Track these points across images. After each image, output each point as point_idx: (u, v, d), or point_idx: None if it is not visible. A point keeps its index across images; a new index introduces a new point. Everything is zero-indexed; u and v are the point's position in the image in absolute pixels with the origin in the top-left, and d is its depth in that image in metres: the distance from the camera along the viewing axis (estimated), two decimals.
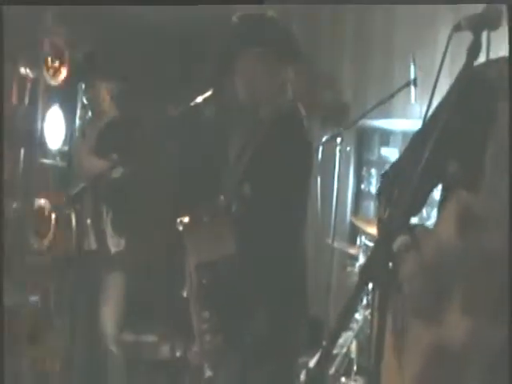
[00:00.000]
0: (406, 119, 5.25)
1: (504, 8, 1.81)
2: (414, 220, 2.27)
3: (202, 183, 4.68)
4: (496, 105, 1.96)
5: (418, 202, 2.17)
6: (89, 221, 4.13)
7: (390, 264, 1.87)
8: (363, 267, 1.64)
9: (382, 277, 1.66)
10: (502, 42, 1.96)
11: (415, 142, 1.73)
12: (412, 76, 4.40)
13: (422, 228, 2.13)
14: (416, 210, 2.20)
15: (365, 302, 4.63)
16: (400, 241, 2.02)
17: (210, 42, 2.94)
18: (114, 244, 4.19)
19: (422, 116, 1.76)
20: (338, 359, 4.60)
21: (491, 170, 1.92)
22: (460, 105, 2.03)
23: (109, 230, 4.17)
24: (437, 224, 2.03)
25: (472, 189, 1.90)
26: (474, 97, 2.01)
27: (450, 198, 1.99)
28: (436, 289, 1.89)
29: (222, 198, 2.86)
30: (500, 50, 1.96)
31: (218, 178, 2.96)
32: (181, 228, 2.74)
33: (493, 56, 1.98)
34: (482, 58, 4.27)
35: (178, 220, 2.77)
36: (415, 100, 4.42)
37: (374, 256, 1.64)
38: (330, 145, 4.63)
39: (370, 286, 1.74)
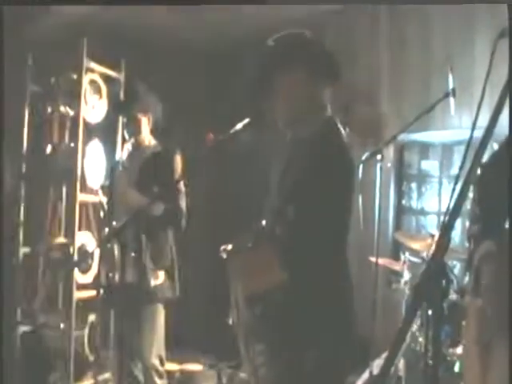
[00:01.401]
0: (445, 131, 5.19)
1: None
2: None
3: (243, 210, 4.67)
4: None
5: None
6: (132, 254, 4.14)
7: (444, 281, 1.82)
8: (417, 286, 1.58)
9: (436, 294, 1.60)
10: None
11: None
12: (450, 87, 4.34)
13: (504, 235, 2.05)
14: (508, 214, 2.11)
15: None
16: (484, 248, 1.95)
17: (246, 68, 2.92)
18: (154, 277, 4.21)
19: (462, 127, 1.69)
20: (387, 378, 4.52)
21: None
22: None
23: (148, 264, 4.19)
24: None
25: None
26: None
27: None
28: None
29: (263, 223, 2.82)
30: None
31: (259, 203, 2.92)
32: (225, 256, 2.71)
33: None
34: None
35: (222, 248, 2.75)
36: (454, 111, 4.36)
37: (427, 273, 1.59)
38: (370, 161, 4.59)
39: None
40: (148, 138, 4.42)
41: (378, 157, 4.50)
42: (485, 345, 1.86)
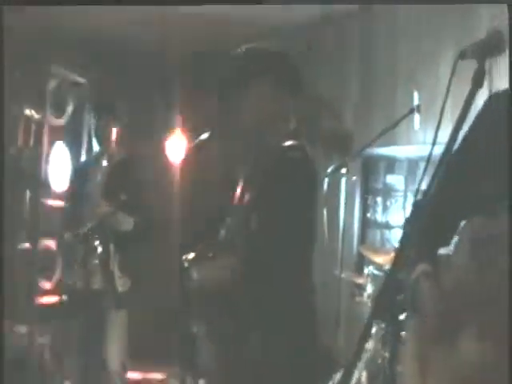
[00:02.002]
0: (411, 146, 5.24)
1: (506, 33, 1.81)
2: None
3: (208, 219, 4.67)
4: None
5: (448, 231, 2.16)
6: (96, 261, 4.13)
7: (402, 295, 1.87)
8: (376, 298, 1.62)
9: (395, 307, 1.63)
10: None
11: (443, 174, 1.71)
12: (415, 103, 4.40)
13: (440, 256, 2.12)
14: (445, 241, 2.18)
15: (374, 330, 4.59)
16: (420, 269, 2.01)
17: (213, 75, 2.95)
18: (121, 284, 4.20)
19: (426, 142, 1.74)
20: None
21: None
22: (484, 127, 2.04)
23: (116, 271, 4.18)
24: (455, 250, 2.02)
25: (490, 214, 1.89)
26: (501, 117, 2.01)
27: (468, 223, 1.98)
28: (454, 315, 1.87)
29: (223, 233, 2.84)
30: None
31: (223, 213, 2.93)
32: (186, 265, 2.72)
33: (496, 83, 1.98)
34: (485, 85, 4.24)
35: (184, 257, 2.76)
36: (419, 127, 4.42)
37: (386, 287, 1.62)
38: (335, 175, 4.62)
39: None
40: (116, 146, 4.41)
41: (344, 170, 4.54)
42: (423, 360, 1.91)
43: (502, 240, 1.77)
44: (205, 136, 2.88)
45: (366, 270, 4.99)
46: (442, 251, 2.14)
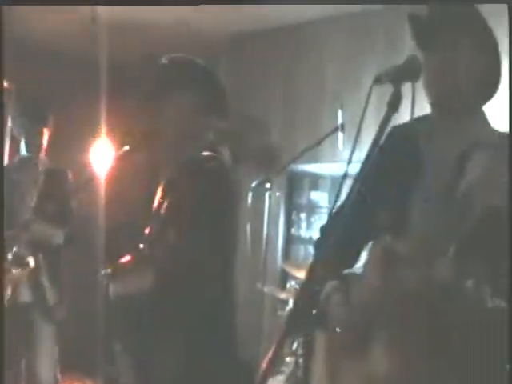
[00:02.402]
0: (335, 163, 5.32)
1: (419, 60, 1.88)
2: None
3: (127, 232, 4.65)
4: (421, 158, 2.03)
5: (354, 251, 2.23)
6: (25, 273, 4.04)
7: (314, 311, 1.91)
8: (289, 315, 1.65)
9: (308, 323, 1.67)
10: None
11: (348, 194, 1.77)
12: (339, 122, 4.49)
13: (351, 273, 2.19)
14: (353, 260, 2.26)
15: (295, 345, 4.64)
16: (330, 285, 2.06)
17: (139, 85, 2.94)
18: (52, 296, 4.12)
19: (351, 160, 1.80)
20: None
21: (418, 214, 1.98)
22: (387, 156, 2.13)
23: (46, 283, 4.10)
24: (364, 267, 2.08)
25: (398, 235, 1.96)
26: (401, 149, 2.10)
27: (376, 242, 2.05)
28: (363, 327, 1.93)
29: (142, 246, 2.83)
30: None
31: (141, 226, 2.92)
32: (105, 281, 2.70)
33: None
34: (406, 109, 4.36)
35: (102, 272, 2.73)
36: (343, 145, 4.50)
37: (299, 304, 1.66)
38: (260, 190, 4.66)
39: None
40: (44, 154, 4.32)
41: (268, 185, 4.59)
42: (334, 374, 1.96)
43: (409, 259, 1.83)
44: (127, 148, 2.87)
45: (288, 285, 5.03)
46: (353, 268, 2.22)
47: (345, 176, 1.84)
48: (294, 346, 4.61)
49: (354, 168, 1.83)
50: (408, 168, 2.07)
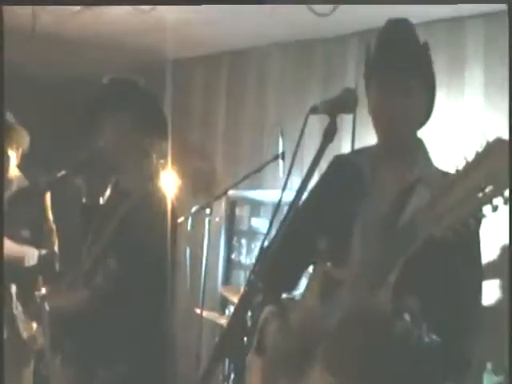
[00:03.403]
0: (276, 190, 5.36)
1: (355, 93, 1.92)
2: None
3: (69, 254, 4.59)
4: (364, 188, 2.08)
5: (292, 275, 2.26)
6: None
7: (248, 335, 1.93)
8: (219, 340, 1.65)
9: (238, 349, 1.68)
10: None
11: (287, 220, 1.80)
12: (280, 150, 4.54)
13: (289, 298, 2.22)
14: (292, 285, 2.28)
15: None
16: (267, 310, 2.09)
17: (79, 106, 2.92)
18: (25, 328, 3.79)
19: (292, 188, 1.83)
20: None
21: (358, 244, 2.02)
22: (331, 184, 2.17)
23: (20, 315, 3.78)
24: (304, 293, 2.11)
25: (338, 262, 1.99)
26: (345, 178, 2.16)
27: (317, 270, 2.08)
28: (300, 351, 1.95)
29: (83, 268, 2.81)
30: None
31: (80, 249, 2.89)
32: (38, 300, 2.67)
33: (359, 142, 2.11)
34: (347, 138, 4.45)
35: (36, 293, 2.70)
36: (283, 173, 4.55)
37: (229, 329, 1.67)
38: (199, 215, 4.67)
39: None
40: (15, 172, 4.11)
41: (207, 211, 4.60)
42: None
43: (349, 286, 1.86)
44: (63, 172, 2.84)
45: (227, 311, 5.03)
46: (291, 294, 2.24)
47: (279, 203, 1.86)
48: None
49: (291, 195, 1.86)
50: (350, 196, 2.10)
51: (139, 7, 4.82)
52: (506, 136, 1.57)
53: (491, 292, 4.05)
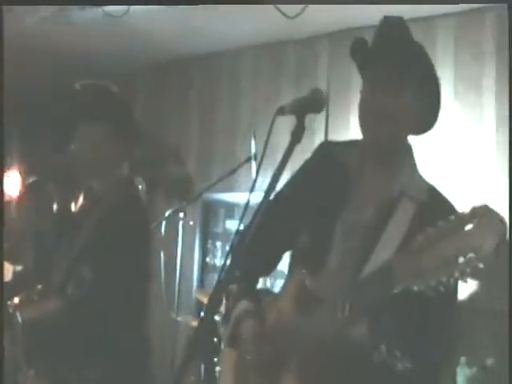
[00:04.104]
0: (250, 192, 5.35)
1: (324, 92, 1.91)
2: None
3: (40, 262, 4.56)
4: (347, 184, 2.06)
5: (268, 261, 2.24)
6: None
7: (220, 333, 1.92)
8: (190, 341, 1.64)
9: (209, 350, 1.68)
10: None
11: (264, 213, 1.79)
12: (253, 151, 4.54)
13: (267, 292, 2.20)
14: (267, 270, 2.27)
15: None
16: (241, 307, 2.07)
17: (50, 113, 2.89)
18: None
19: (263, 189, 1.82)
20: None
21: (337, 249, 2.01)
22: (311, 173, 2.15)
23: None
24: (280, 295, 2.09)
25: (315, 267, 1.98)
26: (327, 169, 2.13)
27: (294, 274, 2.07)
28: (274, 353, 1.94)
29: (56, 277, 2.78)
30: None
31: (54, 257, 2.87)
32: (11, 310, 2.64)
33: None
34: (319, 137, 4.48)
35: (9, 302, 2.67)
36: (258, 175, 4.54)
37: (200, 330, 1.67)
38: (174, 219, 4.67)
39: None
40: None
41: (181, 214, 4.59)
42: None
43: (326, 305, 1.86)
44: (35, 178, 2.82)
45: (202, 314, 5.01)
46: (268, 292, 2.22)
47: (247, 205, 1.86)
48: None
49: (259, 196, 1.86)
50: (333, 191, 2.08)
51: (110, 13, 4.80)
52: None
53: (465, 290, 4.08)
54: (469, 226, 1.49)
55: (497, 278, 2.77)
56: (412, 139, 2.12)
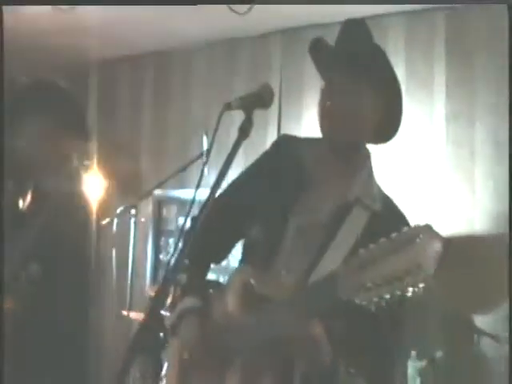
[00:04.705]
0: (203, 189, 5.35)
1: (271, 89, 1.92)
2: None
3: None
4: (303, 180, 2.05)
5: (219, 249, 2.23)
6: None
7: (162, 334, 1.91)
8: (134, 337, 1.63)
9: (153, 345, 1.66)
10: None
11: (215, 202, 1.79)
12: (205, 148, 4.53)
13: (216, 284, 2.19)
14: (218, 258, 2.25)
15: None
16: (188, 302, 2.06)
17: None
18: None
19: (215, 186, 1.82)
20: None
21: (288, 247, 2.00)
22: (267, 164, 2.15)
23: None
24: (228, 286, 2.06)
25: (264, 260, 1.98)
26: (284, 162, 2.11)
27: (239, 270, 2.06)
28: (219, 353, 1.93)
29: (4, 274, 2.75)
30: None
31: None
32: None
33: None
34: (272, 133, 4.49)
35: None
36: (208, 171, 4.54)
37: (147, 322, 1.65)
38: (125, 216, 4.64)
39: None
40: None
41: (133, 211, 4.57)
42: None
43: (267, 294, 1.86)
44: None
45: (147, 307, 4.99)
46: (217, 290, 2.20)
47: (193, 201, 1.86)
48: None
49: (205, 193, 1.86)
50: (287, 185, 2.06)
51: (59, 6, 4.75)
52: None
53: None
54: (411, 245, 1.50)
55: (446, 284, 2.80)
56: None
